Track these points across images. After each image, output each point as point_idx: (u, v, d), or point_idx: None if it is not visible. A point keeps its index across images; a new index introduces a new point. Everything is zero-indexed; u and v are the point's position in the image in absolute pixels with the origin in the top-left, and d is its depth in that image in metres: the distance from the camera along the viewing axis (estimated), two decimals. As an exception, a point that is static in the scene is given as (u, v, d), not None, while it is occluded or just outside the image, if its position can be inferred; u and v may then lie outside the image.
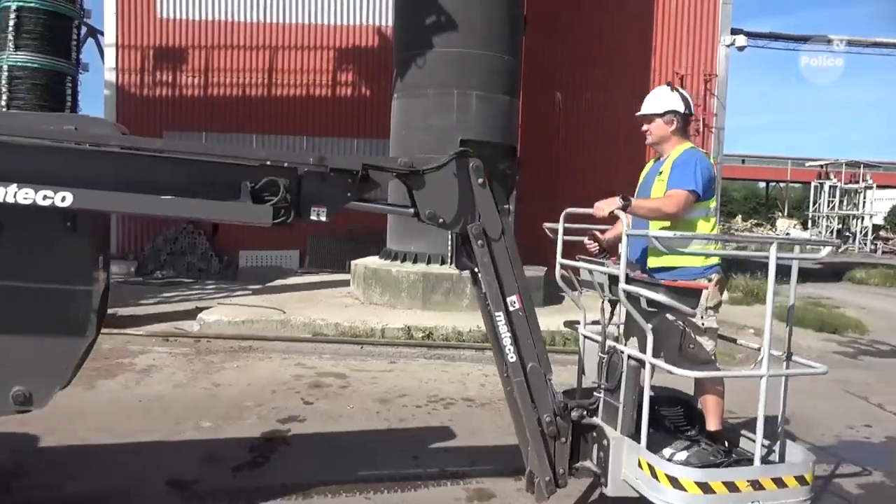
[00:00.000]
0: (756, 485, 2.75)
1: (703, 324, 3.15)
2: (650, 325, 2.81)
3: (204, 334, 7.13)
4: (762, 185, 51.33)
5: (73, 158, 2.50)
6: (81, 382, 5.34)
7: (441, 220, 2.81)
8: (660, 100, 3.35)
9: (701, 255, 3.14)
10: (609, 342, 3.13)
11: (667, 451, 3.09)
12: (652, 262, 3.22)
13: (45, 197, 2.37)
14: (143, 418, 4.58)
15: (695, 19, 12.54)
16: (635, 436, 2.93)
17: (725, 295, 3.19)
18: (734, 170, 42.20)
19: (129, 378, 5.55)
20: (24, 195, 2.35)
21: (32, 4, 6.82)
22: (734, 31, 12.85)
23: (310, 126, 12.14)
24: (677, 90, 3.36)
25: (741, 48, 12.84)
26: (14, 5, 6.83)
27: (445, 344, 7.02)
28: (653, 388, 3.29)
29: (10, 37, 6.81)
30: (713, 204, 3.29)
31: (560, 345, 6.87)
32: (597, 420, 3.10)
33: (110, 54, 12.48)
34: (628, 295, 2.84)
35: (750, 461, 2.90)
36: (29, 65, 6.88)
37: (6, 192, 2.33)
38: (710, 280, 3.20)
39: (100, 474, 3.60)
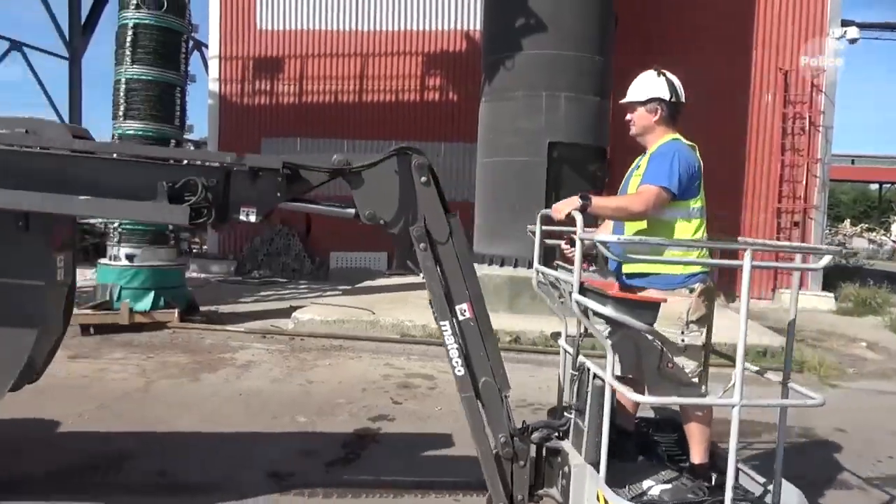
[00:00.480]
0: None
1: (682, 340, 2.77)
2: (610, 342, 2.52)
3: (298, 332, 7.40)
4: (874, 186, 47.68)
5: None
6: (186, 375, 5.69)
7: (382, 221, 2.66)
8: (643, 86, 2.97)
9: (678, 263, 2.77)
10: (581, 358, 2.86)
11: (646, 483, 2.76)
12: (626, 267, 2.88)
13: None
14: (243, 411, 4.81)
15: (800, 11, 11.81)
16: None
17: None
18: (843, 171, 39.42)
19: (230, 372, 5.84)
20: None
21: (147, 21, 7.30)
22: (845, 23, 12.00)
23: (399, 130, 12.36)
24: (664, 74, 2.97)
25: (853, 41, 11.98)
26: (131, 23, 7.34)
27: (532, 349, 6.95)
28: (654, 410, 3.05)
29: (128, 52, 7.31)
30: (697, 204, 2.87)
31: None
32: (563, 444, 2.81)
33: (213, 65, 13.22)
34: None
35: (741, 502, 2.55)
36: (143, 77, 7.37)
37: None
38: (691, 290, 2.79)
39: (202, 462, 3.80)
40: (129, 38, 7.32)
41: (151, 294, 7.42)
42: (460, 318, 2.67)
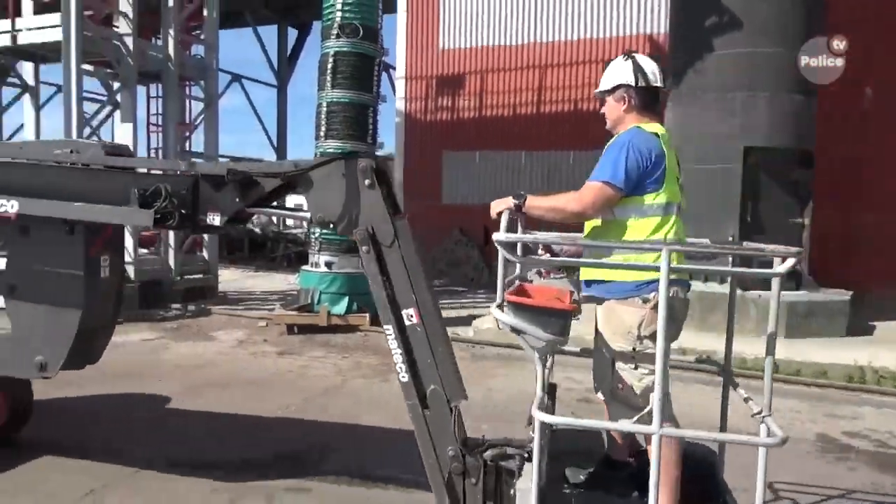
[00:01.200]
0: None
1: (633, 357, 2.41)
2: (538, 356, 2.22)
3: (478, 340, 7.58)
4: None
5: (24, 173, 3.07)
6: (377, 375, 6.08)
7: (331, 224, 2.70)
8: (609, 74, 2.61)
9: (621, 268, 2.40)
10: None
11: None
12: (583, 273, 2.56)
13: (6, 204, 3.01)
14: (429, 413, 5.02)
15: None
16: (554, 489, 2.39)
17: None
18: None
19: (415, 375, 6.13)
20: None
21: (346, 49, 7.98)
22: None
23: (577, 140, 12.23)
24: (633, 58, 2.57)
25: None
26: (332, 51, 8.06)
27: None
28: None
29: (329, 78, 8.04)
30: (657, 199, 2.42)
31: (873, 382, 5.85)
32: (514, 465, 2.51)
33: (400, 85, 14.07)
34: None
35: None
36: (341, 100, 8.05)
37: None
38: (645, 301, 2.38)
39: (397, 460, 4.02)
40: (329, 66, 8.04)
41: (346, 299, 8.05)
42: (406, 323, 2.60)
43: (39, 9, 9.27)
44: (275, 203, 3.18)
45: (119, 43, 8.91)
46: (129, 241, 9.02)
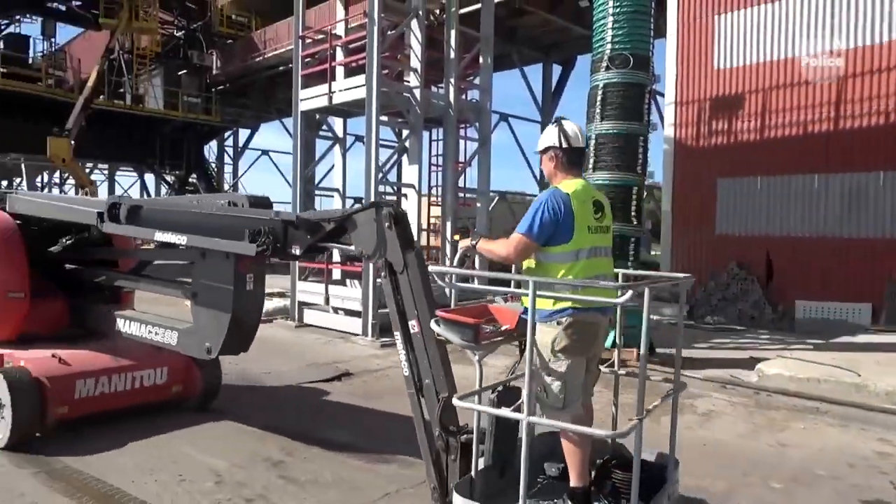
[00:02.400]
0: None
1: (548, 367, 2.97)
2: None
3: (763, 387, 6.80)
4: None
5: (192, 217, 4.46)
6: (649, 415, 5.77)
7: (366, 255, 3.56)
8: (542, 138, 3.23)
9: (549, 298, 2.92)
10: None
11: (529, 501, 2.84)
12: (522, 301, 3.03)
13: (178, 239, 4.43)
14: (710, 463, 4.63)
15: None
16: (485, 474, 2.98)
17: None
18: None
19: (692, 420, 5.71)
20: (172, 238, 4.45)
21: (615, 80, 7.92)
22: None
23: (890, 159, 10.43)
24: (560, 123, 3.16)
25: None
26: (601, 84, 8.07)
27: None
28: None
29: (598, 110, 8.05)
30: (565, 248, 2.98)
31: None
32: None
33: (669, 111, 13.48)
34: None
35: None
36: (610, 131, 7.99)
37: (164, 235, 4.49)
38: (559, 323, 2.95)
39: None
40: (598, 98, 8.05)
41: (613, 332, 7.84)
42: (411, 331, 3.33)
43: (348, 73, 10.92)
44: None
45: (409, 95, 10.05)
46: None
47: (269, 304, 11.69)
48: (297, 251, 3.95)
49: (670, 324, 11.72)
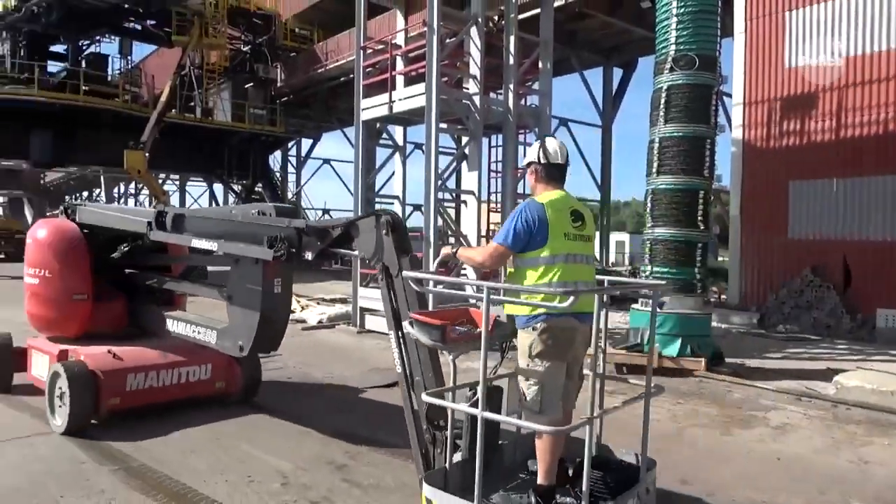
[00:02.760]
0: None
1: (526, 371, 3.15)
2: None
3: (842, 399, 6.45)
4: None
5: (224, 225, 4.91)
6: (717, 427, 5.58)
7: (367, 259, 3.89)
8: (528, 153, 3.46)
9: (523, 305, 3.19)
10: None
11: (499, 494, 3.14)
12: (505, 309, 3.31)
13: (210, 245, 4.88)
14: (784, 477, 4.43)
15: None
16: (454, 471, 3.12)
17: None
18: None
19: (765, 433, 5.48)
20: (205, 244, 4.91)
21: (680, 82, 7.72)
22: None
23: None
24: (543, 141, 3.43)
25: None
26: (665, 86, 7.87)
27: None
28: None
29: (661, 113, 7.86)
30: (544, 253, 3.14)
31: None
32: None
33: (737, 112, 13.04)
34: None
35: None
36: (674, 134, 7.78)
37: (199, 242, 4.98)
38: (534, 329, 3.11)
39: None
40: (662, 101, 7.86)
41: (679, 341, 7.64)
42: (404, 331, 3.45)
43: (408, 82, 11.06)
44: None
45: (468, 102, 10.08)
46: (471, 276, 10.02)
47: (332, 310, 11.93)
48: (309, 256, 4.28)
49: (739, 332, 11.31)
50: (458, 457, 3.19)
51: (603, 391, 3.28)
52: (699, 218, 7.84)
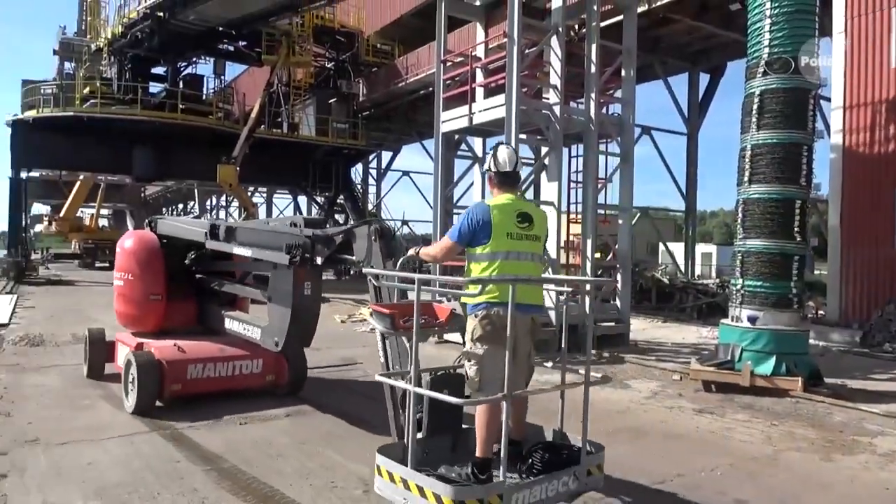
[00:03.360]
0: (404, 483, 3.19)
1: (467, 353, 3.54)
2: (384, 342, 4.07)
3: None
4: None
5: (256, 234, 5.78)
6: (816, 452, 5.23)
7: (361, 264, 4.41)
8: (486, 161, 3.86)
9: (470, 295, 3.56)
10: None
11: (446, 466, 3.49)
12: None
13: (246, 251, 5.75)
14: (894, 509, 4.09)
15: None
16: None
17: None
18: None
19: (871, 460, 5.09)
20: (243, 251, 5.77)
21: (774, 86, 7.36)
22: None
23: None
24: (495, 150, 3.77)
25: None
26: (758, 91, 7.52)
27: None
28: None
29: (754, 119, 7.51)
30: (484, 250, 3.50)
31: None
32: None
33: (836, 117, 12.28)
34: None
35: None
36: (768, 141, 7.41)
37: (238, 249, 5.85)
38: (476, 316, 3.48)
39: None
40: (755, 106, 7.51)
41: (773, 358, 7.23)
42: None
43: (488, 94, 11.09)
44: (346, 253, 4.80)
45: (548, 112, 10.00)
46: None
47: (411, 320, 12.03)
48: (319, 261, 4.94)
49: (839, 351, 10.59)
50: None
51: (531, 374, 3.80)
52: (795, 229, 7.42)
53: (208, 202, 50.74)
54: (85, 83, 24.52)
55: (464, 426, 3.82)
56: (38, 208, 46.44)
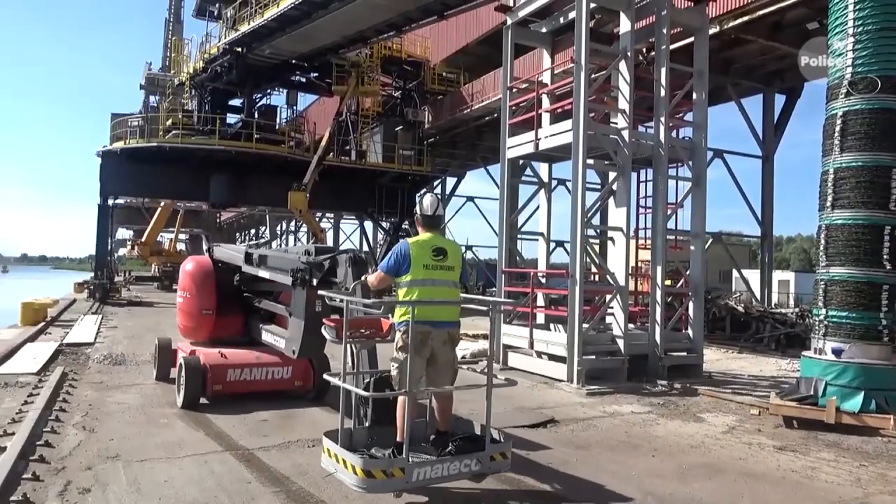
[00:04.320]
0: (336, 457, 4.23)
1: (393, 357, 4.48)
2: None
3: None
4: None
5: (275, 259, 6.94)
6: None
7: (342, 285, 5.39)
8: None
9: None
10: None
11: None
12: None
13: (264, 273, 7.01)
14: None
15: None
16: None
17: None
18: None
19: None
20: (264, 273, 7.03)
21: (858, 107, 7.02)
22: None
23: None
24: (421, 198, 6.15)
25: None
26: (839, 112, 7.19)
27: None
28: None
29: (836, 141, 7.17)
30: (408, 278, 4.42)
31: None
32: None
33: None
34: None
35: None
36: (853, 164, 7.05)
37: (260, 272, 7.11)
38: (399, 331, 4.42)
39: None
40: (837, 128, 7.18)
41: (861, 394, 6.79)
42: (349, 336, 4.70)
43: (553, 119, 11.06)
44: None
45: (617, 137, 9.86)
46: (619, 316, 9.65)
47: (475, 346, 12.00)
48: (314, 282, 5.89)
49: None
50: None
51: (455, 376, 4.74)
52: (885, 256, 6.99)
53: (279, 227, 52.45)
54: (168, 115, 25.98)
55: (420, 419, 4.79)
56: (122, 233, 49.23)
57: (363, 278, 4.88)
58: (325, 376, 4.73)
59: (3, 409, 6.70)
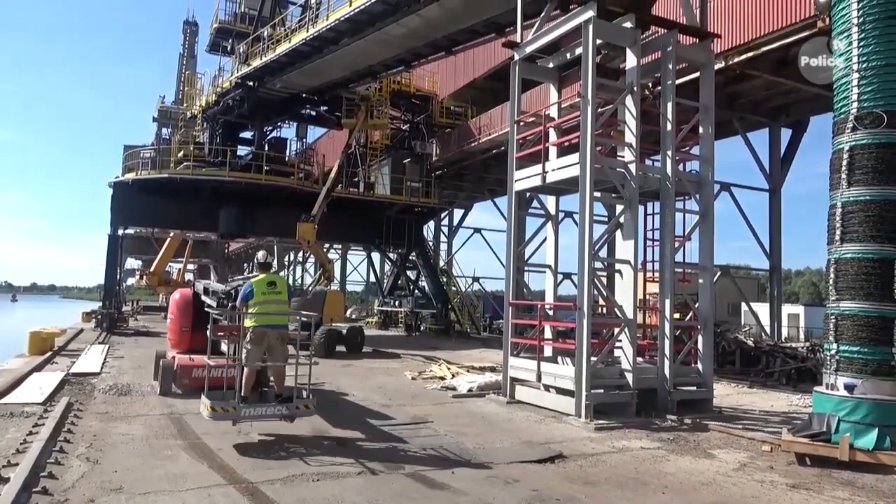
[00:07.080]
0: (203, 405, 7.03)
1: (244, 345, 7.20)
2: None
3: None
4: None
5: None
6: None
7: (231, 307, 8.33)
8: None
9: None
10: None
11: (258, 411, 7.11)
12: None
13: (207, 300, 9.99)
14: None
15: None
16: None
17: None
18: None
19: None
20: (207, 300, 9.98)
21: (864, 141, 7.05)
22: None
23: None
24: (256, 254, 8.88)
25: None
26: (846, 146, 7.22)
27: None
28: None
29: (843, 176, 7.20)
30: (252, 302, 7.27)
31: None
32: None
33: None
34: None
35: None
36: (861, 198, 7.06)
37: (206, 299, 10.21)
38: (247, 331, 7.18)
39: None
40: (844, 162, 7.21)
41: (875, 431, 6.66)
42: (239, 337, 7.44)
43: (561, 152, 11.14)
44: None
45: (623, 170, 9.91)
46: (628, 349, 9.57)
47: (482, 378, 11.91)
48: (230, 305, 8.16)
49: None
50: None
51: (285, 359, 7.40)
52: None
53: (286, 258, 52.62)
54: (179, 147, 26.31)
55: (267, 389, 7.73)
56: (131, 262, 49.51)
57: (236, 303, 7.58)
58: (208, 361, 7.27)
59: (7, 439, 6.67)
